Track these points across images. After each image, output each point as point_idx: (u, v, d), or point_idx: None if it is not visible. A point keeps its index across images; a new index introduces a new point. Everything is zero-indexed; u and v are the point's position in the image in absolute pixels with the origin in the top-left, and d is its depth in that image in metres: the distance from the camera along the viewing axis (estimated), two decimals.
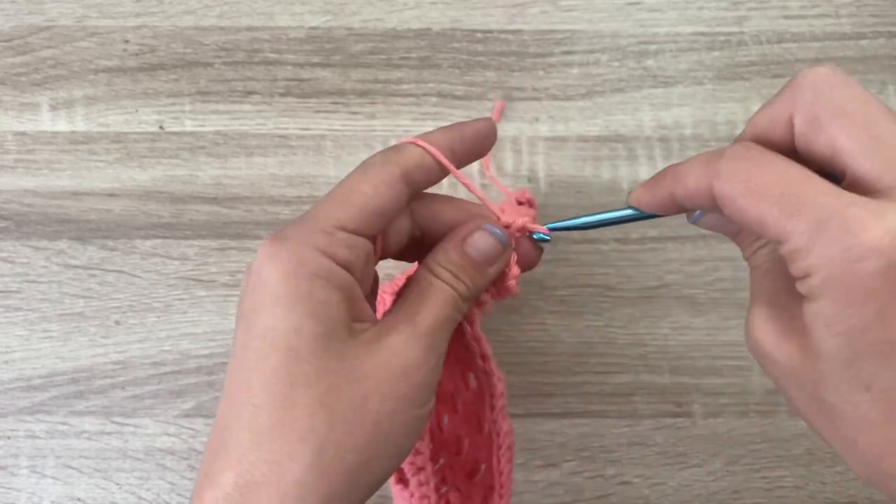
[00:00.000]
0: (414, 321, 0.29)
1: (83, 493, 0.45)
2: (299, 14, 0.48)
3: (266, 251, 0.28)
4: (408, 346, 0.28)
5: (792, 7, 0.48)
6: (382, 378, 0.27)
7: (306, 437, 0.26)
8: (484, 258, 0.31)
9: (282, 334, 0.26)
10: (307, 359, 0.26)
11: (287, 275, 0.27)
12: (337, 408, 0.26)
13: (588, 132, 0.47)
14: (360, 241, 0.29)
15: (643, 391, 0.46)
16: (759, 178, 0.25)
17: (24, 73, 0.47)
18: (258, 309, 0.27)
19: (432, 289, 0.30)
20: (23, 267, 0.46)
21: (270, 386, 0.26)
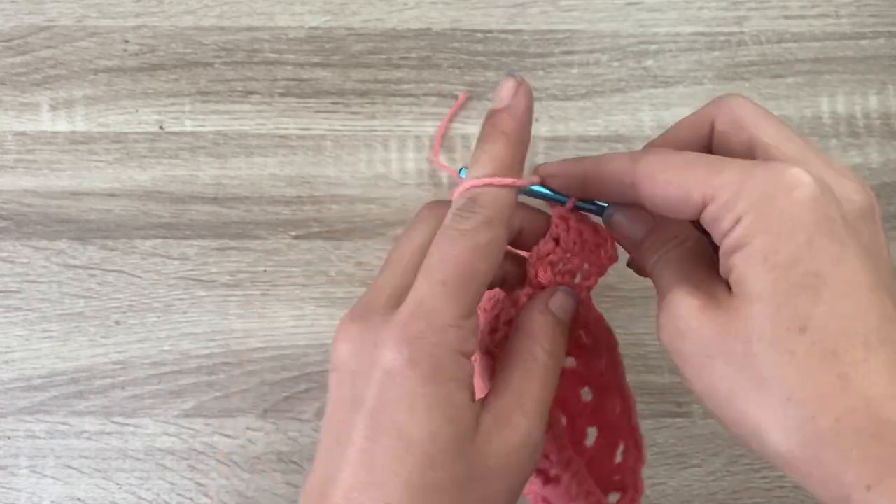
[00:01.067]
0: (525, 408, 0.29)
1: (83, 493, 0.45)
2: (299, 14, 0.48)
3: (401, 346, 0.26)
4: (525, 439, 0.28)
5: (792, 7, 0.48)
6: (504, 474, 0.28)
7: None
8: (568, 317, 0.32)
9: (419, 440, 0.26)
10: (443, 465, 0.26)
11: (426, 379, 0.26)
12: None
13: (588, 132, 0.47)
14: (476, 319, 0.28)
15: (643, 391, 0.46)
16: (678, 157, 0.27)
17: (24, 73, 0.47)
18: (391, 408, 0.26)
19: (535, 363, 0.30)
20: (23, 267, 0.46)
21: (404, 488, 0.26)
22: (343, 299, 0.46)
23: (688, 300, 0.26)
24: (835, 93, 0.47)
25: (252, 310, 0.46)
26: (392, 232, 0.46)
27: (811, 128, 0.47)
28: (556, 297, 0.32)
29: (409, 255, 0.29)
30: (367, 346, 0.27)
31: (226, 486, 0.45)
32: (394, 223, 0.46)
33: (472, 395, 0.27)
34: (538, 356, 0.30)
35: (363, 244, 0.46)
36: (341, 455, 0.27)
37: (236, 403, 0.45)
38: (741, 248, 0.25)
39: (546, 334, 0.30)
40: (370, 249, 0.46)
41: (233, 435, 0.45)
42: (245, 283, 0.46)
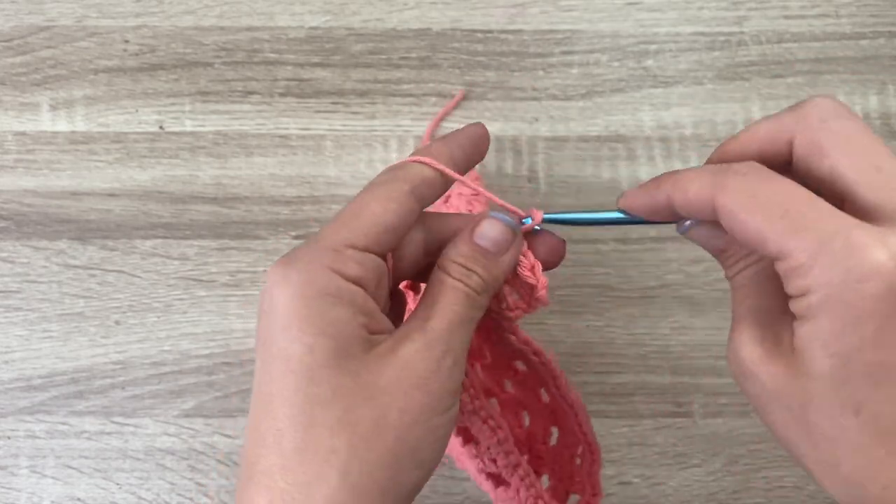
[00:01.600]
0: (426, 327, 0.28)
1: (83, 493, 0.45)
2: (299, 14, 0.48)
3: (275, 274, 0.27)
4: (421, 355, 0.28)
5: (792, 7, 0.48)
6: (398, 391, 0.27)
7: (330, 457, 0.26)
8: (495, 246, 0.31)
9: (296, 356, 0.26)
10: (323, 378, 0.26)
11: (296, 296, 0.27)
12: (357, 426, 0.26)
13: (588, 132, 0.47)
14: (369, 257, 0.28)
15: (643, 391, 0.46)
16: (764, 193, 0.25)
17: (24, 73, 0.47)
18: (271, 332, 0.27)
19: (444, 288, 0.29)
20: (23, 267, 0.46)
21: (291, 409, 0.26)
22: None
23: (751, 346, 0.27)
24: (835, 93, 0.47)
25: (252, 310, 0.46)
26: None
27: None
28: (483, 224, 0.31)
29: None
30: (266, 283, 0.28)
31: (226, 486, 0.45)
32: None
33: (359, 316, 0.27)
34: (445, 282, 0.29)
35: None
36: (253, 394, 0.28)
37: (236, 403, 0.45)
38: (806, 318, 0.25)
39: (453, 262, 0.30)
40: None
41: (233, 435, 0.45)
42: (245, 283, 0.46)
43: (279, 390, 0.27)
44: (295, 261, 0.27)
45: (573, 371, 0.46)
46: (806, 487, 0.45)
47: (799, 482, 0.45)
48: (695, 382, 0.45)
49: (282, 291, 0.27)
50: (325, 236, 0.28)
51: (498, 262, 0.31)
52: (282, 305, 0.27)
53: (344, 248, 0.28)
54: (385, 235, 0.29)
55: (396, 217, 0.29)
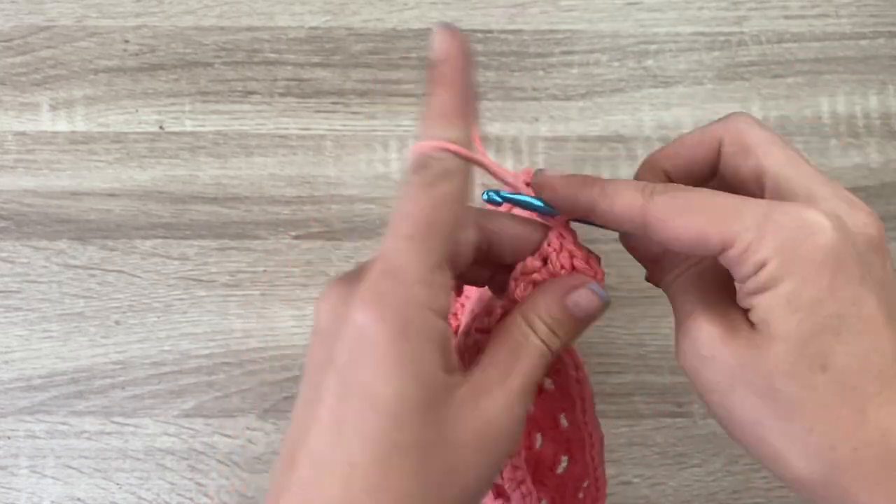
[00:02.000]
0: (507, 385, 0.28)
1: (83, 493, 0.45)
2: (299, 14, 0.48)
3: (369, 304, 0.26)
4: (502, 413, 0.28)
5: (792, 7, 0.48)
6: (476, 447, 0.27)
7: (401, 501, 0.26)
8: (586, 318, 0.30)
9: (386, 399, 0.26)
10: (408, 426, 0.26)
11: (394, 335, 0.25)
12: (432, 475, 0.26)
13: (588, 132, 0.47)
14: (449, 273, 0.27)
15: (643, 391, 0.46)
16: (693, 199, 0.27)
17: (24, 73, 0.47)
18: (359, 366, 0.26)
19: (527, 346, 0.29)
20: (23, 267, 0.46)
21: (369, 448, 0.26)
22: None
23: (709, 328, 0.27)
24: (835, 93, 0.47)
25: (252, 310, 0.46)
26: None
27: (811, 128, 0.47)
28: (580, 292, 0.30)
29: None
30: (342, 307, 0.26)
31: (226, 486, 0.45)
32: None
33: (445, 359, 0.27)
34: (532, 342, 0.29)
35: (363, 244, 0.46)
36: (311, 416, 0.27)
37: (236, 403, 0.45)
38: (765, 290, 0.25)
39: (542, 323, 0.29)
40: (370, 249, 0.46)
41: (233, 435, 0.45)
42: (245, 283, 0.46)
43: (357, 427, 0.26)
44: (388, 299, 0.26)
45: None
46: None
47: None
48: None
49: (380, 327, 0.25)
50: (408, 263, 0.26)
51: (580, 330, 0.31)
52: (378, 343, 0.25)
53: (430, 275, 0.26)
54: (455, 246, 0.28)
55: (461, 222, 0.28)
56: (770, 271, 0.25)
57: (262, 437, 0.45)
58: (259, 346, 0.46)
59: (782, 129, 0.47)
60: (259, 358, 0.46)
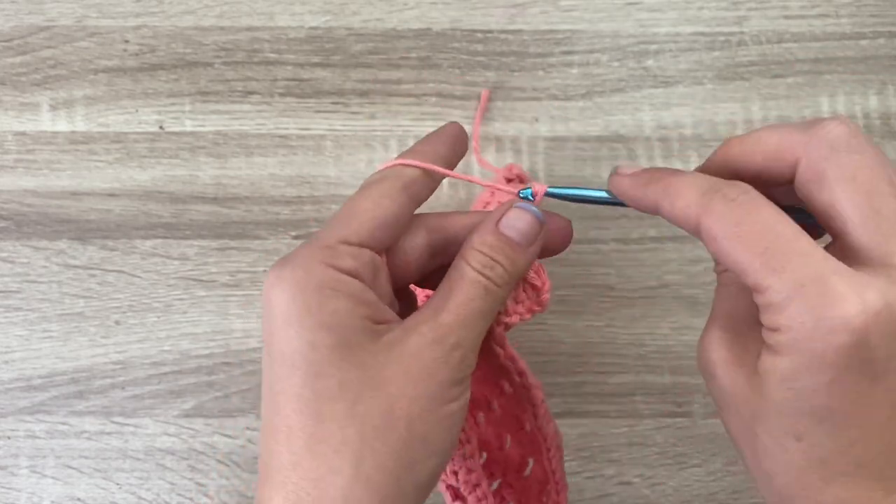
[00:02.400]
0: (437, 319, 0.28)
1: (83, 493, 0.45)
2: (299, 14, 0.48)
3: (271, 275, 0.27)
4: (430, 348, 0.27)
5: (792, 7, 0.48)
6: (406, 381, 0.27)
7: (341, 449, 0.26)
8: (523, 237, 0.30)
9: (298, 352, 0.26)
10: (328, 372, 0.26)
11: (293, 292, 0.27)
12: (366, 417, 0.26)
13: (588, 132, 0.47)
14: (364, 251, 0.28)
15: (643, 391, 0.46)
16: (749, 225, 0.25)
17: (24, 73, 0.47)
18: (273, 332, 0.27)
19: (462, 280, 0.28)
20: (23, 267, 0.46)
21: (298, 404, 0.26)
22: None
23: (720, 349, 0.28)
24: (835, 93, 0.47)
25: (252, 310, 0.46)
26: None
27: None
28: (511, 213, 0.30)
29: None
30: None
31: (226, 486, 0.45)
32: None
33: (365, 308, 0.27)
34: (465, 272, 0.29)
35: None
36: (262, 395, 0.28)
37: (236, 403, 0.45)
38: (773, 351, 0.25)
39: (477, 252, 0.29)
40: None
41: (233, 435, 0.45)
42: (245, 283, 0.46)
43: (286, 388, 0.27)
44: (289, 260, 0.28)
45: (573, 371, 0.46)
46: None
47: None
48: (695, 382, 0.45)
49: (279, 290, 0.27)
50: (320, 236, 0.28)
51: (525, 253, 0.30)
52: (279, 303, 0.27)
53: (337, 244, 0.28)
54: (379, 231, 0.29)
55: (390, 212, 0.29)
56: (780, 340, 0.25)
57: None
58: (259, 346, 0.46)
59: None
60: (259, 358, 0.46)
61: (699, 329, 0.46)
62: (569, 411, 0.46)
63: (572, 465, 0.45)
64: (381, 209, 0.29)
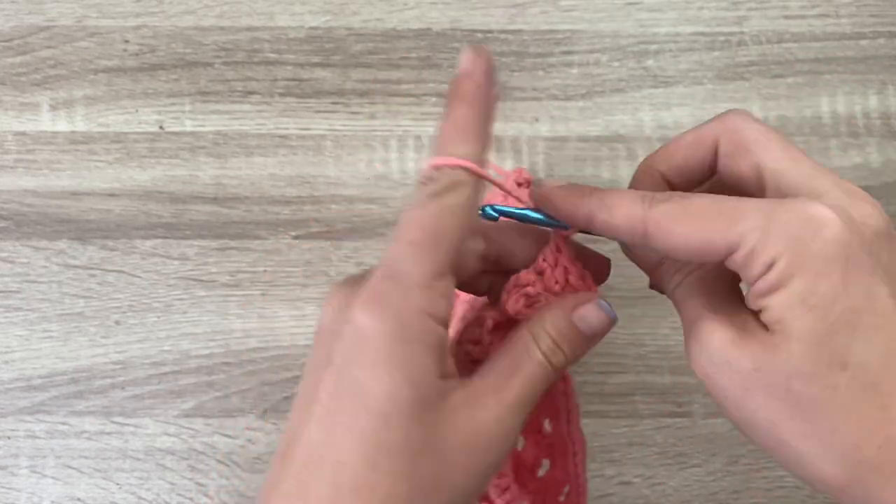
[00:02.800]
0: (501, 395, 0.28)
1: (83, 493, 0.45)
2: (299, 14, 0.48)
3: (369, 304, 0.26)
4: (494, 424, 0.27)
5: (792, 7, 0.48)
6: (465, 454, 0.27)
7: (386, 500, 0.26)
8: (592, 334, 0.30)
9: (376, 397, 0.26)
10: (398, 427, 0.26)
11: (391, 337, 0.26)
12: (419, 478, 0.26)
13: (588, 132, 0.47)
14: (451, 282, 0.27)
15: (643, 391, 0.46)
16: (693, 205, 0.26)
17: (24, 73, 0.47)
18: (354, 365, 0.26)
19: (528, 360, 0.29)
20: (23, 267, 0.46)
21: (358, 446, 0.26)
22: None
23: (720, 333, 0.27)
24: (835, 93, 0.47)
25: (252, 310, 0.46)
26: (392, 232, 0.46)
27: (811, 128, 0.47)
28: (588, 307, 0.30)
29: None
30: (345, 308, 0.27)
31: (226, 486, 0.45)
32: (394, 223, 0.46)
33: (440, 364, 0.27)
34: (534, 356, 0.29)
35: (363, 244, 0.46)
36: (307, 412, 0.27)
37: (236, 403, 0.45)
38: (777, 290, 0.25)
39: (552, 342, 0.29)
40: (370, 249, 0.46)
41: (233, 435, 0.45)
42: (245, 283, 0.46)
43: (350, 425, 0.26)
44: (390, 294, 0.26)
45: (573, 371, 0.46)
46: (806, 487, 0.45)
47: (799, 482, 0.45)
48: (695, 382, 0.45)
49: (378, 326, 0.26)
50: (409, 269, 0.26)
51: (588, 348, 0.30)
52: (374, 342, 0.26)
53: (432, 282, 0.26)
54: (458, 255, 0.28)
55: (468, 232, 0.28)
56: (780, 269, 0.25)
57: (262, 437, 0.45)
58: (259, 346, 0.46)
59: (782, 128, 0.47)
60: (259, 358, 0.46)
61: None
62: None
63: None
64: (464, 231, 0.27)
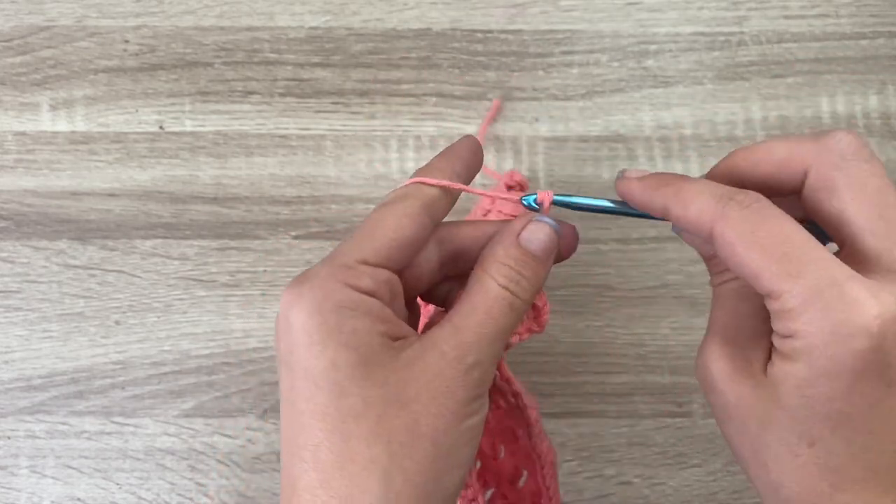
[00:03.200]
0: (458, 337, 0.28)
1: (83, 493, 0.45)
2: (299, 14, 0.48)
3: (289, 294, 0.27)
4: (450, 366, 0.27)
5: (792, 7, 0.48)
6: (429, 399, 0.27)
7: (370, 467, 0.26)
8: (543, 252, 0.30)
9: (322, 371, 0.27)
10: (352, 390, 0.26)
11: (312, 312, 0.27)
12: (392, 434, 0.27)
13: (588, 132, 0.47)
14: (383, 272, 0.28)
15: (643, 391, 0.46)
16: (765, 231, 0.25)
17: (24, 73, 0.47)
18: (293, 351, 0.27)
19: (486, 294, 0.28)
20: (23, 267, 0.46)
21: (324, 423, 0.26)
22: None
23: (722, 362, 0.28)
24: (835, 93, 0.47)
25: (252, 310, 0.46)
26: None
27: (811, 128, 0.47)
28: (529, 227, 0.30)
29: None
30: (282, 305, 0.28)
31: (226, 486, 0.45)
32: None
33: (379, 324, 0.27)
34: (489, 288, 0.28)
35: None
36: (281, 413, 0.28)
37: (236, 403, 0.45)
38: (787, 358, 0.25)
39: (502, 266, 0.29)
40: None
41: (233, 435, 0.45)
42: (245, 283, 0.46)
43: (310, 407, 0.27)
44: (307, 279, 0.27)
45: (573, 371, 0.46)
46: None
47: None
48: (695, 382, 0.45)
49: (298, 309, 0.27)
50: (338, 255, 0.28)
51: (545, 266, 0.30)
52: (299, 323, 0.27)
53: (357, 264, 0.28)
54: (398, 252, 0.29)
55: (410, 233, 0.29)
56: (796, 346, 0.25)
57: (262, 437, 0.45)
58: (259, 346, 0.46)
59: (782, 129, 0.47)
60: (259, 358, 0.46)
61: (699, 329, 0.46)
62: (569, 411, 0.46)
63: (572, 465, 0.45)
64: (402, 230, 0.29)
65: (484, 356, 0.28)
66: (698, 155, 0.47)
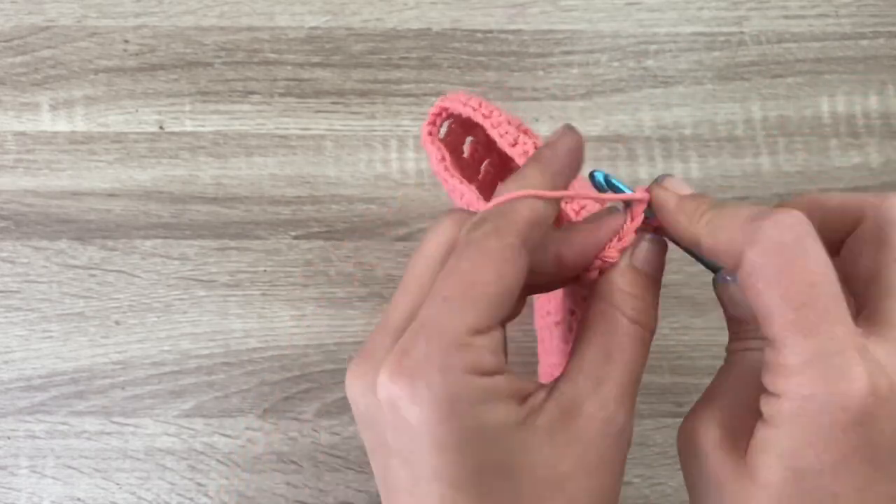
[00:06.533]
0: (601, 393, 0.24)
1: (83, 493, 0.45)
2: (299, 14, 0.48)
3: (397, 384, 0.23)
4: (602, 434, 0.24)
5: (792, 7, 0.48)
6: (583, 476, 0.24)
7: None
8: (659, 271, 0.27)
9: (456, 475, 0.23)
10: (498, 485, 0.23)
11: (442, 419, 0.22)
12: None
13: (588, 132, 0.47)
14: (496, 334, 0.24)
15: (643, 391, 0.46)
16: (794, 273, 0.23)
17: (24, 73, 0.47)
18: (418, 451, 0.23)
19: (616, 334, 0.25)
20: (23, 267, 0.46)
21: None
22: (343, 299, 0.46)
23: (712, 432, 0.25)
24: (835, 93, 0.47)
25: (252, 310, 0.46)
26: (392, 232, 0.46)
27: (811, 128, 0.47)
28: (641, 247, 0.27)
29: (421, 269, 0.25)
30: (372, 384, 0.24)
31: (226, 486, 0.45)
32: (394, 223, 0.46)
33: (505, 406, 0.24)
34: (620, 325, 0.26)
35: (363, 244, 0.46)
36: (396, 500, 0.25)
37: (236, 403, 0.45)
38: (771, 424, 0.23)
39: (628, 296, 0.26)
40: (370, 249, 0.46)
41: (233, 435, 0.45)
42: (245, 283, 0.46)
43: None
44: (421, 370, 0.23)
45: None
46: None
47: None
48: (695, 382, 0.45)
49: (419, 410, 0.23)
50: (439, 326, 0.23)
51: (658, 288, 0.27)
52: (425, 428, 0.23)
53: (470, 338, 0.23)
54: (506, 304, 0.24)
55: (513, 281, 0.24)
56: (783, 409, 0.23)
57: (262, 437, 0.45)
58: (259, 346, 0.46)
59: (782, 128, 0.47)
60: (259, 358, 0.46)
61: (699, 329, 0.46)
62: None
63: None
64: (505, 278, 0.24)
65: (630, 411, 0.25)
66: (698, 155, 0.47)
